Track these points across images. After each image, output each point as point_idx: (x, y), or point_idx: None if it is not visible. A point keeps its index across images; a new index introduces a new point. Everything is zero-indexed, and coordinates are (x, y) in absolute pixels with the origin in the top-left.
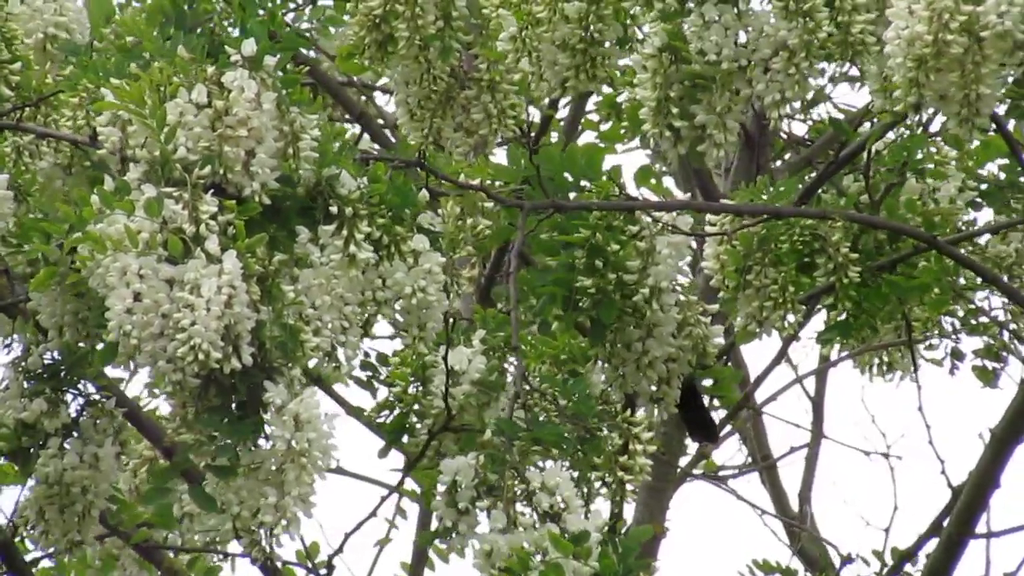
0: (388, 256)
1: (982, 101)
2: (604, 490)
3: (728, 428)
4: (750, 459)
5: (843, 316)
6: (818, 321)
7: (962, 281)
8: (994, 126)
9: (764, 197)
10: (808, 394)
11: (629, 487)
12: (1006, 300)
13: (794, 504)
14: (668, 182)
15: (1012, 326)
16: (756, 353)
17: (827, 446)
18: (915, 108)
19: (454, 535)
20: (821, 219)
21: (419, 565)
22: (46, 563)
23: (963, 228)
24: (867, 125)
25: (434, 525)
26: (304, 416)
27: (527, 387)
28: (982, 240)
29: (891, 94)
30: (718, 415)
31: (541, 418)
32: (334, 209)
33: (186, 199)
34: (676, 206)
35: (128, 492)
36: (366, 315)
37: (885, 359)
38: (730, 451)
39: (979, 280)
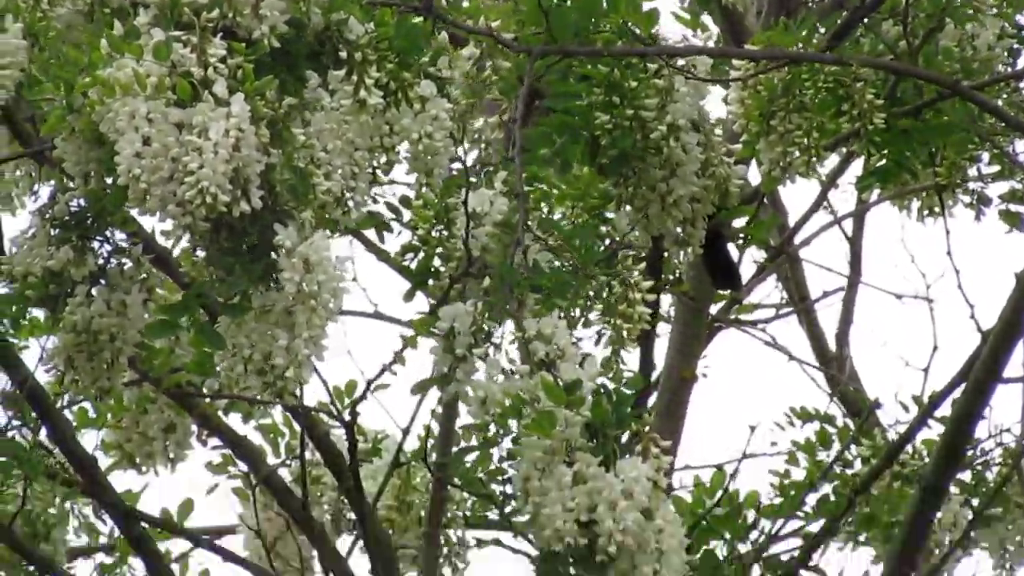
0: (395, 102)
1: None
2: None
3: (765, 272)
4: (786, 303)
5: (881, 162)
6: (857, 167)
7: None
8: None
9: (798, 42)
10: (846, 235)
11: (627, 335)
12: None
13: (832, 348)
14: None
15: None
16: (797, 199)
17: (865, 289)
18: None
19: (451, 382)
20: (840, 65)
21: (451, 407)
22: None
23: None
24: None
25: (431, 372)
26: (314, 259)
27: (531, 233)
28: None
29: None
30: (755, 261)
31: (559, 264)
32: (343, 54)
33: (195, 43)
34: (690, 52)
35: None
36: (375, 161)
37: (924, 202)
38: (767, 297)
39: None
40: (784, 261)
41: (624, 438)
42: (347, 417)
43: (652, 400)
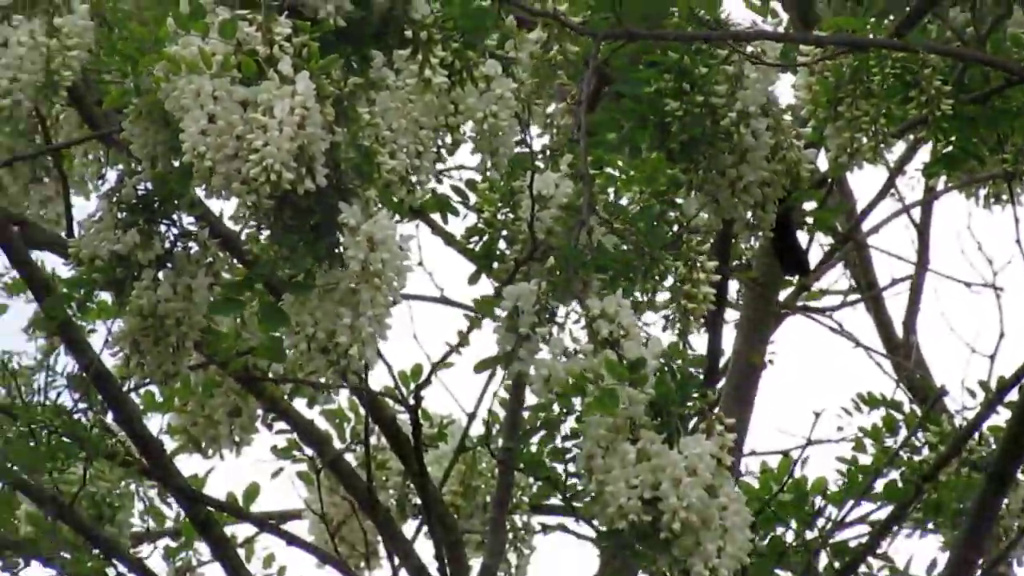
0: (460, 81)
1: None
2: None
3: (833, 259)
4: (854, 290)
5: (948, 148)
6: (925, 154)
7: None
8: None
9: (865, 28)
10: (914, 222)
11: (692, 316)
12: None
13: (900, 335)
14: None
15: None
16: (865, 187)
17: (933, 276)
18: None
19: (514, 361)
20: (907, 51)
21: (518, 391)
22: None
23: None
24: None
25: (495, 351)
26: (379, 237)
27: (597, 216)
28: None
29: None
30: (822, 247)
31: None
32: (408, 33)
33: (260, 21)
34: (757, 36)
35: (225, 322)
36: (440, 141)
37: (991, 190)
38: (835, 284)
39: None
40: (851, 248)
41: (689, 418)
42: (412, 401)
43: (720, 386)
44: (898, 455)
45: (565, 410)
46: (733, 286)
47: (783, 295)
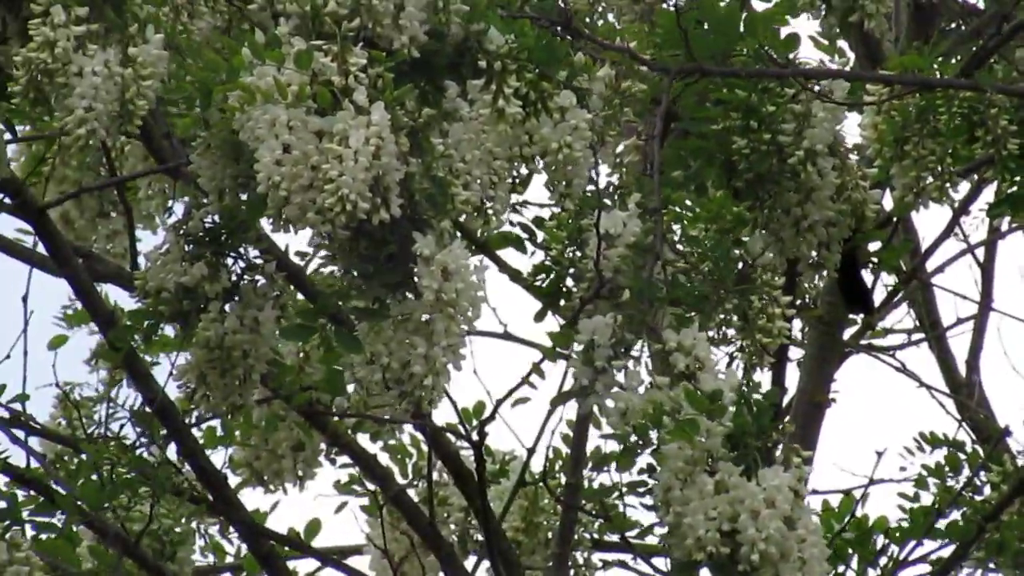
0: (535, 112)
1: None
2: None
3: (897, 298)
4: (917, 329)
5: (1013, 188)
6: (989, 194)
7: None
8: None
9: (935, 68)
10: (978, 261)
11: (767, 350)
12: None
13: (963, 375)
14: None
15: None
16: (928, 226)
17: (996, 315)
18: None
19: (591, 394)
20: (975, 91)
21: (582, 428)
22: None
23: None
24: None
25: (569, 385)
26: (452, 267)
27: (669, 251)
28: None
29: None
30: (885, 286)
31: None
32: (482, 64)
33: (335, 52)
34: (826, 74)
35: (289, 356)
36: (514, 172)
37: None
38: (899, 322)
39: None
40: (915, 287)
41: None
42: (475, 437)
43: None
44: (961, 494)
45: (642, 442)
46: (796, 324)
47: (847, 334)
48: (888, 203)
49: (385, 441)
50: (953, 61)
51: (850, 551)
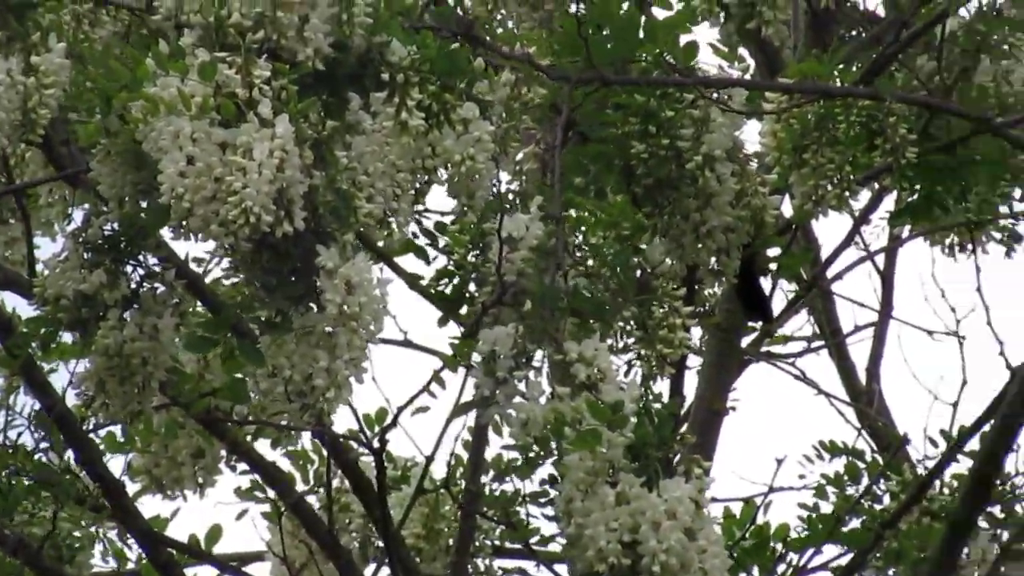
0: (438, 124)
1: None
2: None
3: (797, 305)
4: (817, 336)
5: (913, 197)
6: (890, 202)
7: None
8: None
9: (834, 75)
10: (878, 270)
11: (668, 360)
12: None
13: (863, 383)
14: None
15: None
16: (830, 233)
17: (896, 323)
18: None
19: (492, 405)
20: (874, 99)
21: (481, 435)
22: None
23: None
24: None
25: (469, 395)
26: (356, 280)
27: (569, 258)
28: None
29: None
30: (785, 294)
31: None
32: (385, 76)
33: (239, 63)
34: (726, 83)
35: (189, 363)
36: (417, 183)
37: (953, 239)
38: (799, 330)
39: None
40: (816, 295)
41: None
42: (376, 444)
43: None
44: (859, 503)
45: (543, 453)
46: (696, 332)
47: (747, 341)
48: (788, 210)
49: (286, 448)
50: (853, 68)
51: (749, 560)
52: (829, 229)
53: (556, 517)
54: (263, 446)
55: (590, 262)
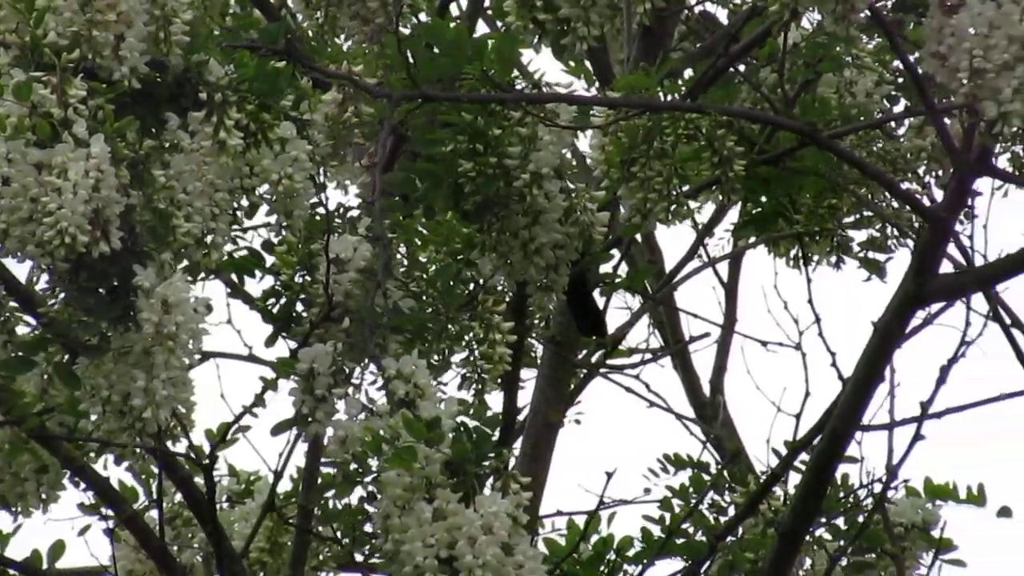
0: (255, 143)
1: None
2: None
3: (637, 317)
4: (661, 347)
5: (757, 210)
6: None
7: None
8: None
9: (658, 87)
10: (722, 281)
11: (489, 377)
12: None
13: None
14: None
15: (896, 219)
16: (675, 245)
17: (740, 334)
18: (792, 11)
19: (312, 422)
20: (700, 113)
21: (315, 450)
22: None
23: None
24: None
25: (291, 412)
26: (173, 300)
27: (395, 278)
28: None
29: None
30: (628, 307)
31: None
32: (203, 95)
33: (55, 83)
34: (551, 99)
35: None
36: (235, 203)
37: (785, 249)
38: (647, 343)
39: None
40: (660, 306)
41: (485, 477)
42: (207, 460)
43: (518, 444)
44: (693, 513)
45: (361, 470)
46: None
47: (593, 354)
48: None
49: (130, 464)
50: (679, 81)
51: (583, 574)
52: (675, 242)
53: (374, 534)
54: (109, 460)
55: (415, 281)
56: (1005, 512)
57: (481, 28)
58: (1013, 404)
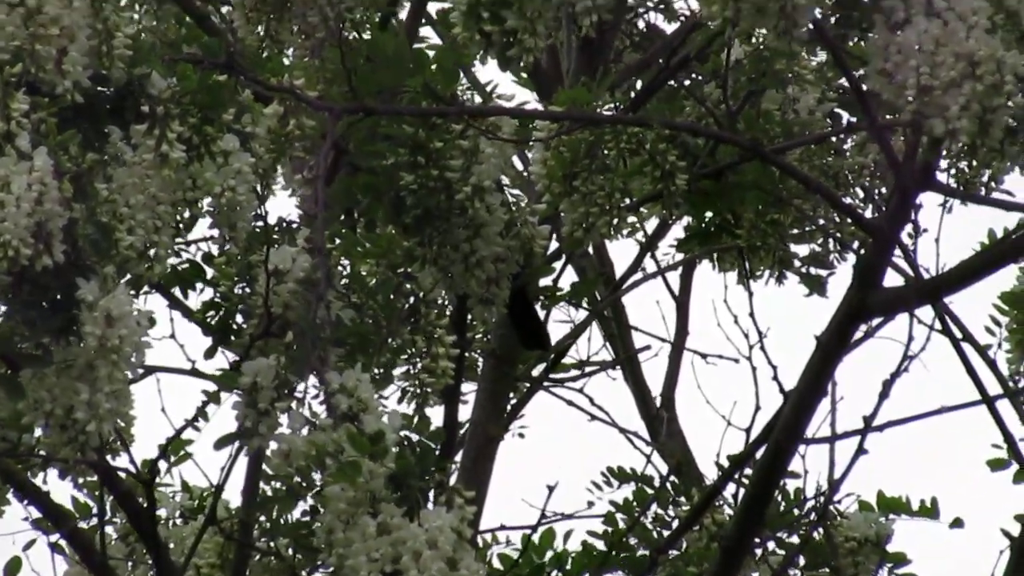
0: (199, 156)
1: (798, 12)
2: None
3: (583, 330)
4: (604, 361)
5: (703, 224)
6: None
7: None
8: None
9: (598, 101)
10: (673, 294)
11: (431, 391)
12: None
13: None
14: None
15: (838, 234)
16: (627, 258)
17: (692, 346)
18: (732, 24)
19: (254, 436)
20: (641, 126)
21: (255, 465)
22: None
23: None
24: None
25: (234, 426)
26: (116, 312)
27: (334, 290)
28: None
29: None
30: (572, 320)
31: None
32: (146, 109)
33: None
34: (492, 111)
35: None
36: (178, 215)
37: (728, 262)
38: (597, 355)
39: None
40: (612, 320)
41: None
42: (146, 475)
43: (459, 458)
44: (646, 528)
45: (305, 484)
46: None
47: (537, 367)
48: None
49: (75, 478)
50: (618, 94)
51: None
52: (627, 254)
53: (318, 549)
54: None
55: (356, 294)
56: (958, 523)
57: (430, 35)
58: (959, 416)
